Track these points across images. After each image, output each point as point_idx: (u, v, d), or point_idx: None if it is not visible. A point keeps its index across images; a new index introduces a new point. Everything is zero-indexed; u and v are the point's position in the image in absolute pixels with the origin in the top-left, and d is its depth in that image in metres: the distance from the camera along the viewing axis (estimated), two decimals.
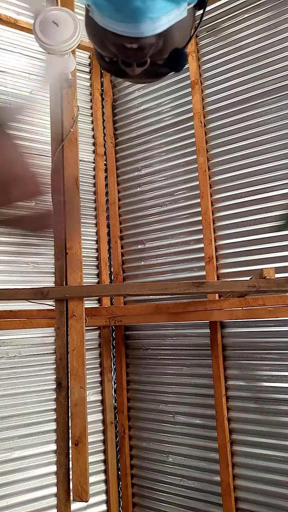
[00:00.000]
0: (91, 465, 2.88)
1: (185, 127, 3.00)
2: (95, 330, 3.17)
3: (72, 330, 2.07)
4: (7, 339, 2.76)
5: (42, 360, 2.85)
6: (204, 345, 2.77)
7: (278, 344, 2.47)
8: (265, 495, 2.44)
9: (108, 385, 3.13)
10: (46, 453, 2.77)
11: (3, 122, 0.33)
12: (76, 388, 2.01)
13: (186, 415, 2.82)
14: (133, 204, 3.26)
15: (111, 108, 3.43)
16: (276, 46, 2.58)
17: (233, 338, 2.66)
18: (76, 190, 2.21)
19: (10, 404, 2.69)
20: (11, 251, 2.87)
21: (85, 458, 1.95)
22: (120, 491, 3.07)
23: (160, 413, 2.95)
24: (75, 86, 2.29)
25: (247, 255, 2.64)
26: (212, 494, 2.66)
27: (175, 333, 2.94)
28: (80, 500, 1.91)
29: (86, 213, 3.26)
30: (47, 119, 2.71)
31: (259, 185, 2.62)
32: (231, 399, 2.62)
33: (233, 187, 2.73)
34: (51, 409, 2.80)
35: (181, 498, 2.79)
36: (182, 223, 2.98)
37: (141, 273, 3.17)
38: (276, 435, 2.43)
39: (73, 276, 2.12)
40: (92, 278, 3.23)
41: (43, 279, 2.95)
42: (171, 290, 2.10)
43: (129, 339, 3.18)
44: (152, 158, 3.18)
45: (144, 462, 3.01)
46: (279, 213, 2.54)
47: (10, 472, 2.64)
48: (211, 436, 2.67)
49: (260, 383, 2.52)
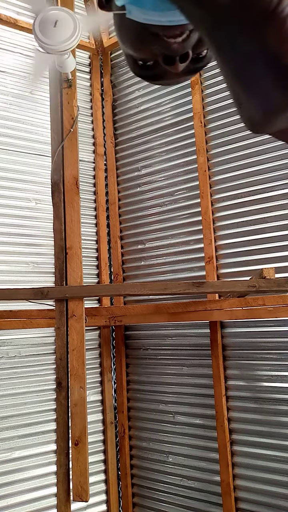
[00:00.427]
0: (91, 465, 2.88)
1: (185, 127, 3.00)
2: (95, 330, 3.17)
3: (72, 330, 2.07)
4: (7, 339, 2.76)
5: (42, 360, 2.85)
6: (204, 345, 2.77)
7: (278, 344, 2.47)
8: (265, 495, 2.44)
9: (108, 385, 3.13)
10: (46, 453, 2.77)
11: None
12: (76, 388, 2.01)
13: (186, 415, 2.82)
14: (133, 204, 3.26)
15: (111, 108, 3.43)
16: None
17: (233, 338, 2.66)
18: (76, 190, 2.21)
19: (10, 404, 2.69)
20: (11, 251, 2.87)
21: (85, 458, 1.95)
22: (120, 491, 3.07)
23: (160, 413, 2.95)
24: (75, 86, 2.29)
25: (247, 255, 2.64)
26: (212, 494, 2.66)
27: (175, 333, 2.94)
28: (80, 500, 1.91)
29: (86, 213, 3.26)
30: (47, 119, 2.71)
31: (259, 185, 2.62)
32: (231, 399, 2.62)
33: (233, 187, 2.73)
34: (51, 409, 2.80)
35: (181, 498, 2.79)
36: (182, 223, 2.98)
37: (141, 273, 3.17)
38: (276, 435, 2.43)
39: (73, 276, 2.13)
40: (92, 278, 3.23)
41: (43, 279, 2.95)
42: (171, 290, 2.10)
43: (129, 339, 3.18)
44: (152, 158, 3.18)
45: (144, 462, 3.01)
46: (279, 213, 2.54)
47: (10, 472, 2.64)
48: (211, 436, 2.67)
49: (260, 383, 2.52)
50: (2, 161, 2.92)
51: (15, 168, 2.96)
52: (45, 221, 2.99)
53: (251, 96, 0.36)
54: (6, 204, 2.90)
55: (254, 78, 0.35)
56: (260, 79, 0.35)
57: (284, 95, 0.35)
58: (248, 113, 0.38)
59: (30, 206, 2.99)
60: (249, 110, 0.37)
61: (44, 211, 3.00)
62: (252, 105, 0.37)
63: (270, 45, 0.33)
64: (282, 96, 0.35)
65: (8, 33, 3.02)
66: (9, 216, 2.90)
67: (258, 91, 0.36)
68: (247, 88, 0.36)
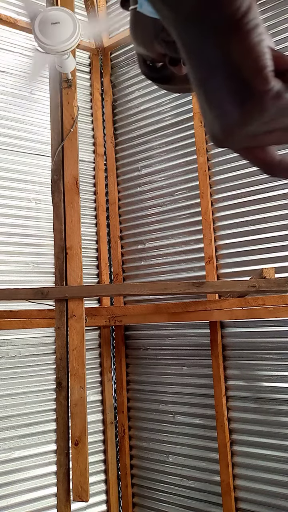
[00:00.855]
0: (91, 465, 2.88)
1: (185, 127, 3.00)
2: (95, 330, 3.17)
3: (72, 330, 2.07)
4: (7, 339, 2.76)
5: (42, 360, 2.85)
6: (204, 345, 2.77)
7: (278, 344, 2.47)
8: (265, 495, 2.44)
9: (108, 385, 3.13)
10: (46, 453, 2.77)
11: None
12: (76, 388, 2.01)
13: (186, 415, 2.82)
14: (133, 204, 3.26)
15: (111, 108, 3.43)
16: (276, 46, 2.58)
17: (233, 338, 2.66)
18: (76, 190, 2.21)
19: (10, 404, 2.69)
20: (11, 251, 2.87)
21: (85, 458, 1.95)
22: (120, 491, 3.07)
23: (160, 413, 2.95)
24: (75, 86, 2.29)
25: (247, 255, 2.64)
26: (212, 494, 2.66)
27: (175, 333, 2.94)
28: (80, 500, 1.91)
29: (86, 213, 3.26)
30: (47, 119, 2.71)
31: (259, 185, 2.62)
32: (231, 399, 2.62)
33: (233, 187, 2.73)
34: (51, 409, 2.80)
35: (181, 498, 2.79)
36: (182, 223, 2.98)
37: (141, 273, 3.17)
38: (276, 435, 2.43)
39: (73, 276, 2.13)
40: (92, 278, 3.23)
41: (43, 279, 2.95)
42: (171, 290, 2.10)
43: (129, 339, 3.18)
44: (152, 158, 3.18)
45: (144, 462, 3.01)
46: (279, 213, 2.54)
47: (10, 472, 2.64)
48: (211, 436, 2.67)
49: (260, 383, 2.52)
50: (2, 161, 2.92)
51: (15, 168, 2.96)
52: (45, 221, 2.99)
53: (212, 108, 0.34)
54: (6, 204, 2.90)
55: (215, 89, 0.33)
56: (220, 91, 0.33)
57: (241, 111, 0.32)
58: (209, 125, 0.35)
59: (30, 206, 2.99)
60: (210, 123, 0.35)
61: (44, 211, 3.00)
62: (212, 117, 0.34)
63: (232, 56, 0.31)
64: (239, 111, 0.32)
65: (8, 33, 3.02)
66: (9, 216, 2.90)
67: (217, 103, 0.33)
68: (209, 99, 0.34)
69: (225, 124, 0.34)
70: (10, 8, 3.05)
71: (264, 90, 0.31)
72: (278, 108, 0.32)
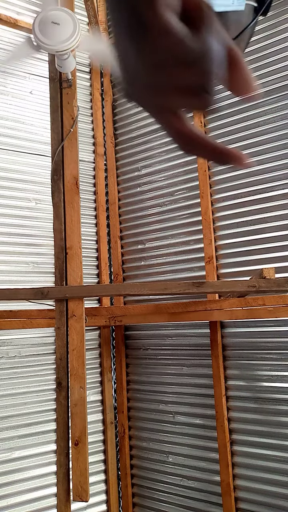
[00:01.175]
0: (91, 465, 2.88)
1: None
2: (95, 330, 3.17)
3: (72, 330, 2.07)
4: (7, 339, 2.76)
5: (42, 360, 2.85)
6: (204, 345, 2.77)
7: (278, 344, 2.47)
8: (265, 495, 2.44)
9: (108, 385, 3.13)
10: (46, 453, 2.77)
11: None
12: (76, 388, 2.01)
13: (186, 415, 2.82)
14: (133, 204, 3.26)
15: (111, 108, 3.43)
16: (276, 46, 2.58)
17: (233, 338, 2.66)
18: (76, 190, 2.21)
19: (10, 404, 2.69)
20: (11, 251, 2.87)
21: (85, 458, 1.95)
22: (120, 491, 3.07)
23: (160, 413, 2.94)
24: (75, 86, 2.29)
25: (247, 255, 2.64)
26: (212, 494, 2.66)
27: (175, 333, 2.94)
28: (80, 500, 1.91)
29: (86, 213, 3.26)
30: (47, 119, 2.71)
31: (259, 185, 2.62)
32: (231, 399, 2.62)
33: (233, 187, 2.73)
34: (51, 409, 2.80)
35: (181, 498, 2.79)
36: (182, 223, 2.98)
37: (141, 273, 3.17)
38: (276, 435, 2.43)
39: (73, 276, 2.12)
40: (92, 278, 3.23)
41: (43, 279, 2.95)
42: (171, 290, 2.10)
43: (129, 339, 3.18)
44: (152, 158, 3.18)
45: (144, 462, 3.01)
46: (279, 213, 2.54)
47: (10, 472, 2.64)
48: (211, 436, 2.67)
49: (260, 383, 2.52)
50: (2, 161, 2.92)
51: (15, 168, 2.96)
52: (45, 221, 2.99)
53: (116, 48, 0.33)
54: (6, 204, 2.90)
55: (118, 24, 0.32)
56: (120, 24, 0.32)
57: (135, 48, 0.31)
58: (116, 71, 0.35)
59: (30, 206, 2.99)
60: (116, 69, 0.35)
61: (44, 211, 3.00)
62: (117, 60, 0.34)
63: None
64: (132, 48, 0.32)
65: (8, 33, 3.02)
66: (9, 216, 2.90)
67: (118, 40, 0.33)
68: (116, 38, 0.33)
69: (124, 65, 0.33)
70: (10, 8, 3.05)
71: (153, 23, 0.29)
72: (169, 49, 0.30)
